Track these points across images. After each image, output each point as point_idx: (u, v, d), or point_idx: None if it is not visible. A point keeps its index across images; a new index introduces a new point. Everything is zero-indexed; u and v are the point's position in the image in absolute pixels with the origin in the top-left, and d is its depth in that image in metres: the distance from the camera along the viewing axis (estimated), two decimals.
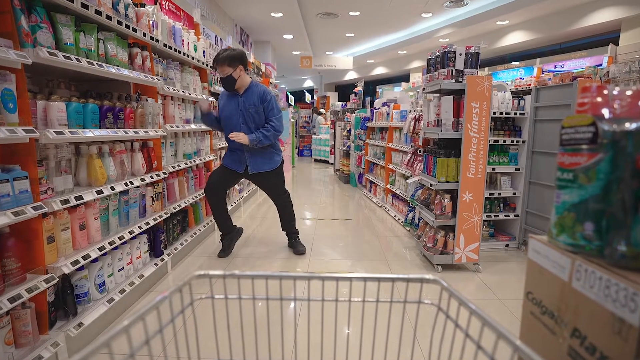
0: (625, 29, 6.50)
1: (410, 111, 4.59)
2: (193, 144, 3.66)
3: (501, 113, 3.57)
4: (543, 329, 0.71)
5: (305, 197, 6.40)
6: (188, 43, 3.55)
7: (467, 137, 2.95)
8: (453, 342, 0.70)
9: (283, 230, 3.68)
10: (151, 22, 2.80)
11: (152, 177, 2.72)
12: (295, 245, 3.59)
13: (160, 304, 0.66)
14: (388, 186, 5.34)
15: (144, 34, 2.64)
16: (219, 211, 3.44)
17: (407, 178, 4.49)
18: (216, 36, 5.19)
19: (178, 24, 3.36)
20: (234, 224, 3.63)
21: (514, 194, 3.72)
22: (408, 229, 4.33)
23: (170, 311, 0.72)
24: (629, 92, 0.62)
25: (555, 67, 7.86)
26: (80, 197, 1.97)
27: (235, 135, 3.13)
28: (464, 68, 2.98)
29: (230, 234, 3.57)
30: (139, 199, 2.64)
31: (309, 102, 17.47)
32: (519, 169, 3.69)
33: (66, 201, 1.87)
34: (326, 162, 11.40)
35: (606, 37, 7.29)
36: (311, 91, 19.54)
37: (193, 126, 3.56)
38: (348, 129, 7.91)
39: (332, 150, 9.69)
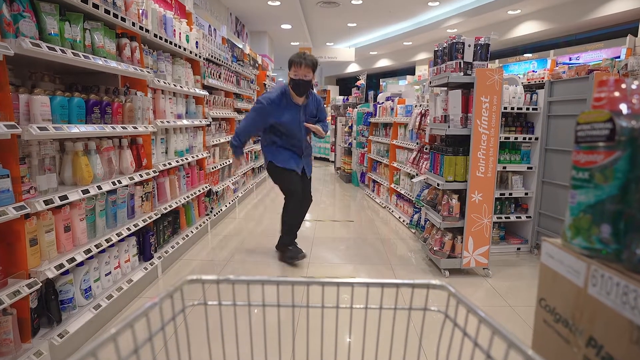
0: None
1: (415, 106, 4.58)
2: (185, 140, 3.66)
3: (512, 108, 3.57)
4: (557, 338, 0.71)
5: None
6: (180, 33, 3.54)
7: (476, 134, 2.95)
8: (461, 351, 0.70)
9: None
10: (140, 11, 2.80)
11: (141, 176, 2.72)
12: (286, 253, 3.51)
13: (149, 311, 0.66)
14: (392, 186, 5.34)
15: (133, 24, 2.64)
16: (302, 213, 3.54)
17: (412, 177, 4.49)
18: (210, 26, 5.20)
19: (169, 12, 3.36)
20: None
21: (526, 194, 3.72)
22: (413, 231, 4.33)
23: (160, 318, 0.72)
24: None
25: (570, 60, 7.86)
26: (65, 197, 1.97)
27: (311, 127, 3.33)
28: (473, 60, 2.98)
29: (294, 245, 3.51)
30: (127, 199, 2.64)
31: None
32: (531, 168, 3.69)
33: (50, 201, 1.87)
34: (326, 160, 11.40)
35: (624, 28, 7.28)
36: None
37: (185, 122, 3.56)
38: (350, 124, 7.91)
39: (333, 147, 9.69)
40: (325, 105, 3.57)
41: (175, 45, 3.39)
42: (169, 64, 3.36)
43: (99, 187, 2.25)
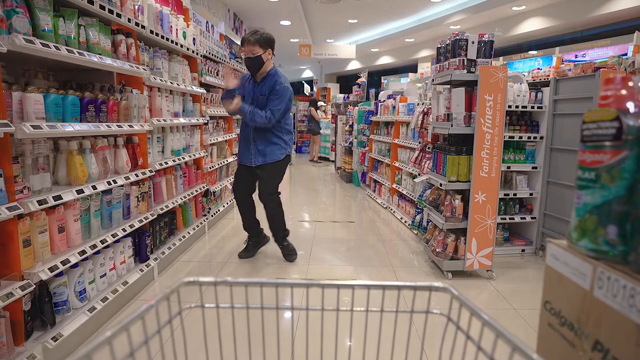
0: None
1: (418, 104, 4.58)
2: (182, 139, 3.66)
3: (517, 106, 3.57)
4: (562, 342, 0.71)
5: (304, 198, 6.40)
6: (177, 29, 3.54)
7: (479, 133, 2.95)
8: (464, 355, 0.70)
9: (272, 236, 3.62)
10: (136, 7, 2.80)
11: (137, 176, 2.72)
12: (284, 252, 3.55)
13: (145, 314, 0.66)
14: (394, 186, 5.34)
15: (129, 20, 2.64)
16: (244, 213, 3.58)
17: (414, 177, 4.49)
18: (207, 22, 5.19)
19: (166, 8, 3.36)
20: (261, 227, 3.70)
21: (531, 194, 3.72)
22: (415, 232, 4.34)
23: (156, 321, 0.72)
24: None
25: (576, 57, 7.86)
26: (59, 197, 1.97)
27: (234, 103, 3.16)
28: (477, 57, 2.98)
29: (256, 238, 3.66)
30: (122, 199, 2.64)
31: (308, 94, 17.46)
32: (536, 168, 3.69)
33: (44, 201, 1.87)
34: (327, 159, 11.40)
35: (632, 25, 7.28)
36: (310, 82, 19.54)
37: (182, 120, 3.56)
38: (350, 123, 7.91)
39: (333, 146, 9.69)
40: (284, 97, 3.24)
41: (172, 41, 3.39)
42: (166, 61, 3.36)
43: (94, 187, 2.24)
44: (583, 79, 3.36)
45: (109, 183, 2.39)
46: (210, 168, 4.45)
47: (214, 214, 4.57)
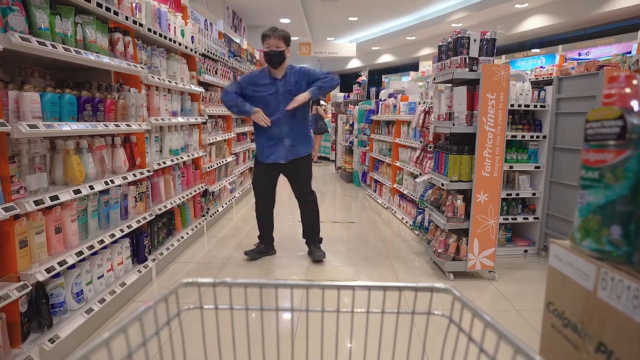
0: None
1: (419, 103, 4.58)
2: (180, 139, 3.66)
3: (519, 105, 3.57)
4: (565, 344, 0.71)
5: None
6: (175, 28, 3.54)
7: (482, 132, 2.95)
8: (466, 357, 0.70)
9: (304, 237, 3.68)
10: (134, 5, 2.80)
11: (135, 175, 2.72)
12: (314, 251, 3.58)
13: (143, 315, 0.66)
14: (395, 186, 5.34)
15: (126, 18, 2.64)
16: (266, 215, 3.62)
17: (415, 177, 4.49)
18: (206, 20, 5.20)
19: (164, 6, 3.36)
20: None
21: (534, 194, 3.72)
22: (417, 232, 4.34)
23: (155, 323, 0.72)
24: None
25: (579, 55, 7.86)
26: (56, 197, 1.97)
27: (293, 103, 3.20)
28: (479, 56, 2.98)
29: (268, 244, 3.67)
30: (120, 200, 2.64)
31: None
32: (539, 167, 3.69)
33: (40, 201, 1.87)
34: (327, 159, 11.40)
35: (636, 22, 7.28)
36: None
37: (180, 119, 3.57)
38: (351, 122, 7.91)
39: (334, 146, 9.69)
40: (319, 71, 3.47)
41: (170, 40, 3.39)
42: (164, 59, 3.36)
43: (91, 187, 2.25)
44: (586, 77, 3.36)
45: (106, 183, 2.39)
46: (209, 168, 4.45)
47: (213, 214, 4.57)
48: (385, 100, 5.91)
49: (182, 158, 3.62)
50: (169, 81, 3.35)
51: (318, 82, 3.30)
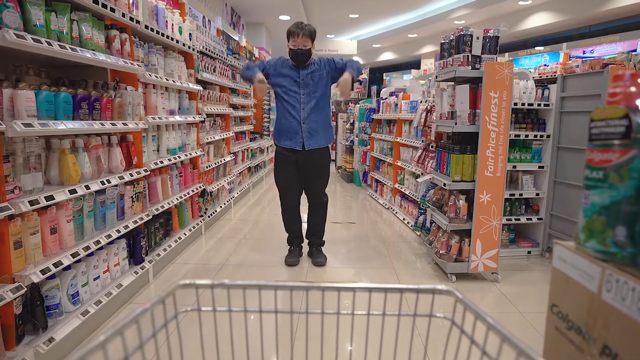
0: None
1: (421, 102, 4.59)
2: (178, 137, 3.66)
3: (523, 104, 3.57)
4: (569, 346, 0.71)
5: (303, 198, 6.39)
6: (172, 25, 3.54)
7: (484, 131, 2.95)
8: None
9: (307, 237, 3.67)
10: (131, 1, 2.80)
11: (131, 175, 2.72)
12: (316, 255, 3.56)
13: (140, 317, 0.66)
14: (396, 186, 5.35)
15: (123, 15, 2.64)
16: (294, 210, 3.62)
17: (417, 177, 4.49)
18: (204, 17, 5.20)
19: (161, 3, 3.36)
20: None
21: (537, 194, 3.73)
22: (418, 233, 4.34)
23: (152, 325, 0.72)
24: None
25: (584, 53, 7.86)
26: (52, 197, 1.97)
27: (344, 84, 3.17)
28: (482, 53, 2.98)
29: (300, 240, 3.68)
30: (117, 200, 2.64)
31: None
32: (542, 167, 3.69)
33: (35, 202, 1.87)
34: None
35: None
36: None
37: (178, 118, 3.56)
38: (351, 121, 7.91)
39: (334, 145, 9.70)
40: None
41: (168, 37, 3.39)
42: (161, 57, 3.36)
43: (87, 187, 2.24)
44: (591, 75, 3.36)
45: (102, 183, 2.39)
46: (207, 167, 4.45)
47: (211, 214, 4.57)
48: (386, 98, 5.91)
49: (179, 157, 3.62)
50: (167, 79, 3.35)
51: (348, 65, 3.30)
